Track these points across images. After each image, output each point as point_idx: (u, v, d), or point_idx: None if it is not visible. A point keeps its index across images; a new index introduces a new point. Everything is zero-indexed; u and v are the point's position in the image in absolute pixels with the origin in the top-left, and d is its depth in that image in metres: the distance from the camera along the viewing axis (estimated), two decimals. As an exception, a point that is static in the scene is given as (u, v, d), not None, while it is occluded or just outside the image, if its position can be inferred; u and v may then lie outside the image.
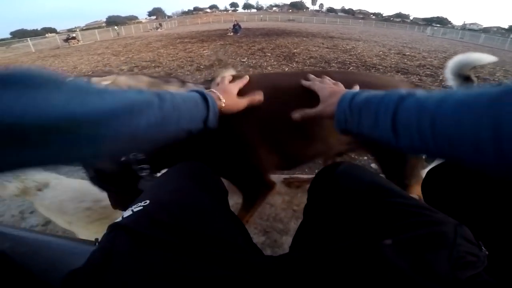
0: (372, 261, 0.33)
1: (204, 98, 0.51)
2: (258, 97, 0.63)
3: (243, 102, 0.61)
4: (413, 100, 0.36)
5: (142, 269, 0.33)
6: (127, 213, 0.41)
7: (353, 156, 2.11)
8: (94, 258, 0.34)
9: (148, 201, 0.44)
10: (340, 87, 0.57)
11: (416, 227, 0.35)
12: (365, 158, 2.08)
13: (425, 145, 0.33)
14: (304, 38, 10.75)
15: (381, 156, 0.87)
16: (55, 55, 10.85)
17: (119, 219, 0.40)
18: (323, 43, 9.13)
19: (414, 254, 0.32)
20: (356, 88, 0.58)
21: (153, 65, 6.18)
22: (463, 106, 0.29)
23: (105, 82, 0.70)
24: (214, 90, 0.58)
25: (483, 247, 0.35)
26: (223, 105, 0.57)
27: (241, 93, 0.64)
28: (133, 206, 0.44)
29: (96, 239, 0.61)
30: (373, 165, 2.01)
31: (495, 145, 0.25)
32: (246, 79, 0.67)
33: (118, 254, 0.34)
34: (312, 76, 0.65)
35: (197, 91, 0.52)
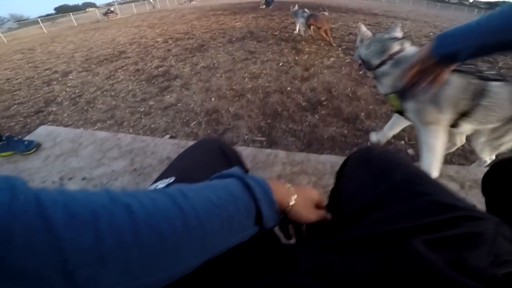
0: (401, 255, 0.30)
1: (246, 184, 0.35)
2: (328, 215, 0.47)
3: (315, 214, 0.44)
4: None
5: None
6: (152, 189, 0.39)
7: (391, 140, 1.95)
8: None
9: (173, 178, 0.43)
10: None
11: (454, 223, 0.32)
12: (402, 142, 1.92)
13: None
14: (343, 14, 10.03)
15: None
16: (96, 28, 11.34)
17: None
18: (364, 20, 8.43)
19: (450, 250, 0.29)
20: None
21: (186, 37, 6.18)
22: None
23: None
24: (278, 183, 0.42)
25: None
26: (292, 201, 0.40)
27: None
28: (158, 183, 0.42)
29: None
30: (410, 151, 1.85)
31: None
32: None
33: None
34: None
35: (232, 174, 0.37)
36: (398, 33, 1.31)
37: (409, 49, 1.19)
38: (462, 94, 1.05)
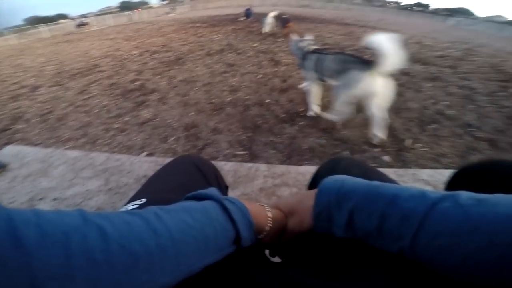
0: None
1: (223, 207, 0.35)
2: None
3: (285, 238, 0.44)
4: (453, 208, 0.28)
5: None
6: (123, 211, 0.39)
7: (365, 147, 2.03)
8: None
9: (144, 200, 0.42)
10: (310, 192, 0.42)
11: None
12: (377, 150, 2.00)
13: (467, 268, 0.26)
14: (318, 24, 10.43)
15: None
16: (68, 40, 10.97)
17: None
18: (337, 30, 8.82)
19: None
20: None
21: (164, 49, 6.12)
22: None
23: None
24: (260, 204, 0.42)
25: None
26: (269, 224, 0.40)
27: None
28: (128, 205, 0.42)
29: None
30: (386, 158, 1.93)
31: None
32: None
33: None
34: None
35: (209, 196, 0.37)
36: (309, 37, 2.59)
37: (308, 42, 2.51)
38: (314, 62, 2.27)
